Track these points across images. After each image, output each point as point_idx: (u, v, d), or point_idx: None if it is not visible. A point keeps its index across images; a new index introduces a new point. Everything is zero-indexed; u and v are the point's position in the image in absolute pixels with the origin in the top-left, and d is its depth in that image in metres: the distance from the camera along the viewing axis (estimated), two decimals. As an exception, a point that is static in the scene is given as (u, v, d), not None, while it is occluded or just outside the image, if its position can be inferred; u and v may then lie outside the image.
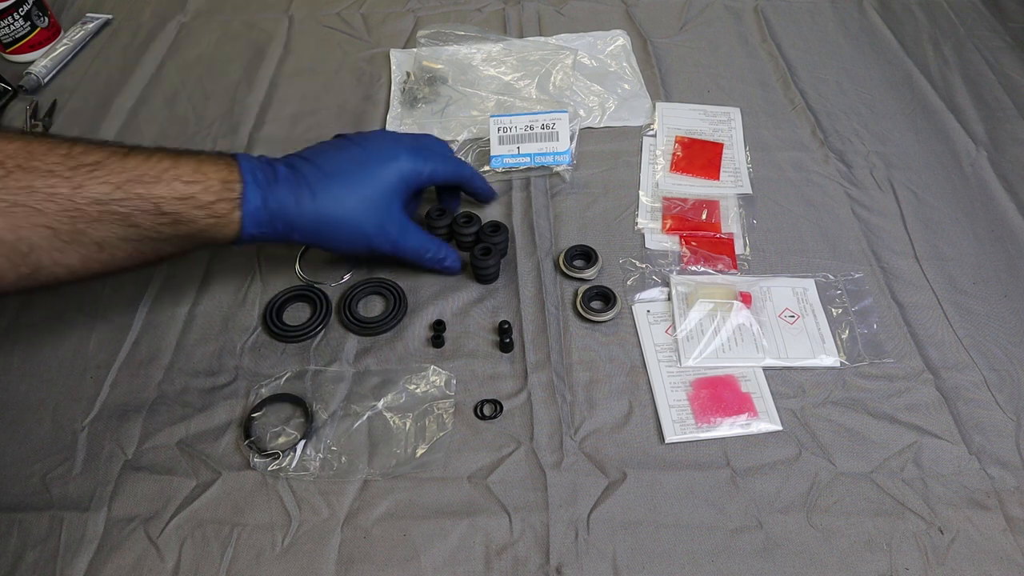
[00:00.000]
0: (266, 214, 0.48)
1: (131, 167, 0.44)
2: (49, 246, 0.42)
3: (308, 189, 0.50)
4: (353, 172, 0.51)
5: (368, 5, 0.90)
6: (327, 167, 0.51)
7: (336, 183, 0.51)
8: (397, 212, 0.54)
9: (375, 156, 0.53)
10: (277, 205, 0.49)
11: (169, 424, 0.51)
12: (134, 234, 0.44)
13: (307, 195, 0.49)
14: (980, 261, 0.60)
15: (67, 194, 0.41)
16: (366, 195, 0.51)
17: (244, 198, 0.47)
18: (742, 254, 0.61)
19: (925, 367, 0.53)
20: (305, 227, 0.50)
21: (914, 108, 0.75)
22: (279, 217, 0.49)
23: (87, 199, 0.42)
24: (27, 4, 0.81)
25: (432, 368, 0.54)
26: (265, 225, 0.49)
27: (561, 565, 0.44)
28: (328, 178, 0.50)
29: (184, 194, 0.45)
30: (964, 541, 0.45)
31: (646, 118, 0.74)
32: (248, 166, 0.48)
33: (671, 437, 0.50)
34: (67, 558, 0.45)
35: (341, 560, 0.45)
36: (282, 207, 0.49)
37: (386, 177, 0.52)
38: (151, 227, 0.45)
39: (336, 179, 0.51)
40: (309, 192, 0.50)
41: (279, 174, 0.49)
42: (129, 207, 0.43)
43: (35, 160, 0.41)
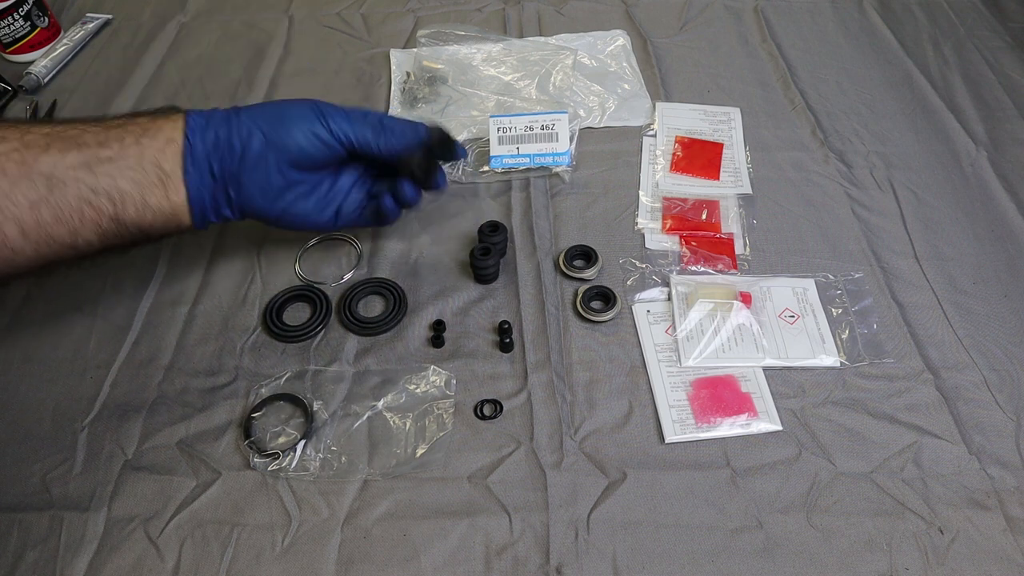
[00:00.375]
0: (202, 153, 0.47)
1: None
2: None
3: (247, 109, 0.49)
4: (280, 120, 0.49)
5: (368, 5, 0.90)
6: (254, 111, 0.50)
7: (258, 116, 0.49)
8: (286, 174, 0.50)
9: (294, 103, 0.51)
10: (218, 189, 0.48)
11: (169, 424, 0.51)
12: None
13: (246, 110, 0.49)
14: (980, 261, 0.60)
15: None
16: (312, 101, 0.50)
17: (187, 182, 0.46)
18: (742, 254, 0.61)
19: (925, 367, 0.53)
20: (253, 126, 0.48)
21: (914, 108, 0.75)
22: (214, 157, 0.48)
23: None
24: (27, 4, 0.81)
25: (432, 368, 0.54)
26: (200, 164, 0.47)
27: (561, 565, 0.44)
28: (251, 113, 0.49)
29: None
30: (964, 541, 0.45)
31: (646, 118, 0.74)
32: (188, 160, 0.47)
33: (671, 437, 0.50)
34: (67, 558, 0.45)
35: (341, 560, 0.45)
36: (224, 119, 0.48)
37: (296, 111, 0.50)
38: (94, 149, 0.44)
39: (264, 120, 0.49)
40: (247, 109, 0.49)
41: (215, 115, 0.49)
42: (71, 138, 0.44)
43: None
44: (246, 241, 0.63)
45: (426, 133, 0.54)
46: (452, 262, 0.61)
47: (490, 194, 0.67)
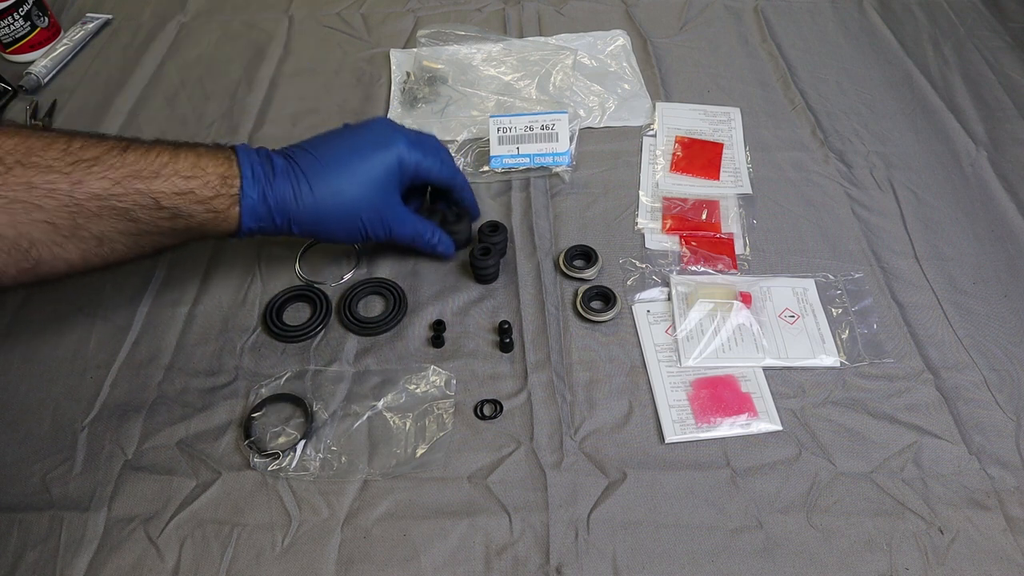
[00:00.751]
0: (264, 208, 0.49)
1: (130, 162, 0.44)
2: (49, 241, 0.42)
3: (305, 182, 0.50)
4: (350, 160, 0.51)
5: (368, 5, 0.90)
6: (324, 156, 0.51)
7: (332, 172, 0.50)
8: (393, 199, 0.54)
9: (371, 142, 0.52)
10: (275, 199, 0.49)
11: (169, 424, 0.51)
12: (133, 228, 0.45)
13: (305, 188, 0.50)
14: (980, 261, 0.60)
15: (66, 190, 0.42)
16: (362, 182, 0.51)
17: (242, 193, 0.47)
18: (742, 254, 0.61)
19: (925, 367, 0.53)
20: (303, 220, 0.50)
21: (914, 108, 0.75)
22: (278, 211, 0.49)
23: (86, 194, 0.42)
24: (27, 4, 0.81)
25: (432, 368, 0.54)
26: (264, 219, 0.49)
27: (561, 565, 0.44)
28: (325, 168, 0.50)
29: (183, 189, 0.45)
30: (964, 541, 0.45)
31: (646, 118, 0.74)
32: (247, 160, 0.48)
33: (671, 437, 0.50)
34: (67, 558, 0.45)
35: (341, 560, 0.45)
36: (280, 201, 0.49)
37: (382, 163, 0.52)
38: (150, 221, 0.45)
39: (332, 168, 0.51)
40: (307, 184, 0.50)
41: (277, 168, 0.50)
42: (128, 202, 0.44)
43: (34, 156, 0.41)
44: (246, 242, 0.63)
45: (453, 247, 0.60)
46: (452, 262, 0.61)
47: (490, 194, 0.67)
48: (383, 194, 0.53)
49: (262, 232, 0.50)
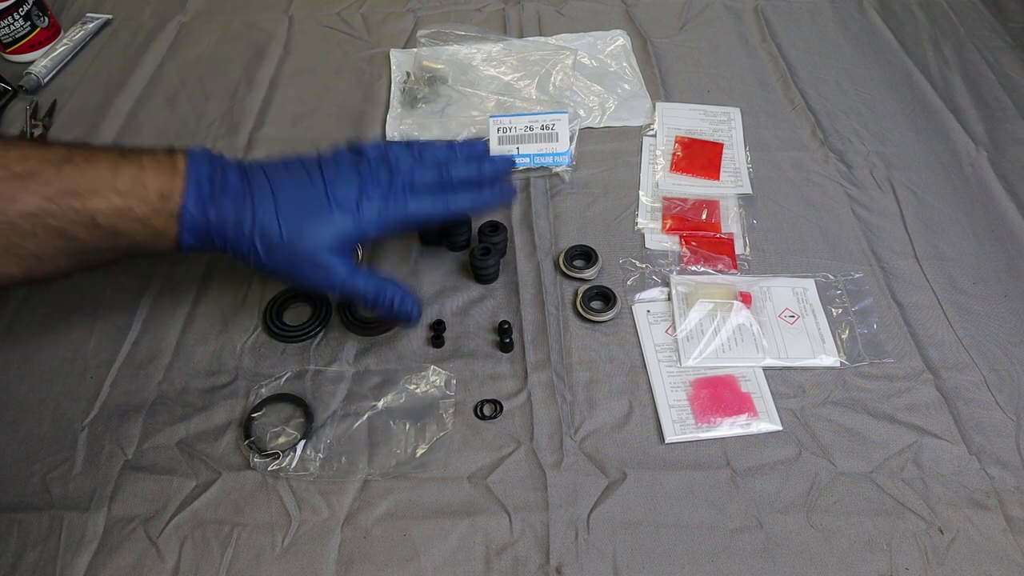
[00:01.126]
0: (203, 228, 0.45)
1: (66, 175, 0.41)
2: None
3: (250, 210, 0.45)
4: (303, 214, 0.46)
5: (368, 5, 0.90)
6: (279, 192, 0.46)
7: (282, 216, 0.46)
8: (338, 259, 0.48)
9: (333, 200, 0.47)
10: (217, 220, 0.45)
11: (169, 424, 0.51)
12: (72, 247, 0.42)
13: (247, 217, 0.45)
14: (980, 261, 0.60)
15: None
16: (312, 237, 0.46)
17: (183, 210, 0.44)
18: (742, 254, 0.61)
19: (925, 367, 0.53)
20: (241, 250, 0.46)
21: (914, 108, 0.75)
22: (217, 234, 0.45)
23: (19, 212, 0.40)
24: (27, 4, 0.81)
25: (432, 368, 0.54)
26: (203, 239, 0.45)
27: (561, 565, 0.44)
28: (275, 205, 0.46)
29: (119, 207, 0.42)
30: (964, 541, 0.45)
31: (646, 118, 0.74)
32: (195, 172, 0.45)
33: (671, 437, 0.50)
34: (67, 558, 0.45)
35: (341, 560, 0.45)
36: (221, 223, 0.45)
37: (333, 227, 0.47)
38: (89, 240, 0.43)
39: (283, 211, 0.46)
40: (250, 214, 0.45)
41: (228, 184, 0.46)
42: (63, 221, 0.41)
43: None
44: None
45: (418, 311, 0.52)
46: (452, 262, 0.61)
47: (490, 194, 0.67)
48: (334, 249, 0.47)
49: (202, 250, 0.46)
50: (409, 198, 0.49)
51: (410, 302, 0.51)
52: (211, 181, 0.45)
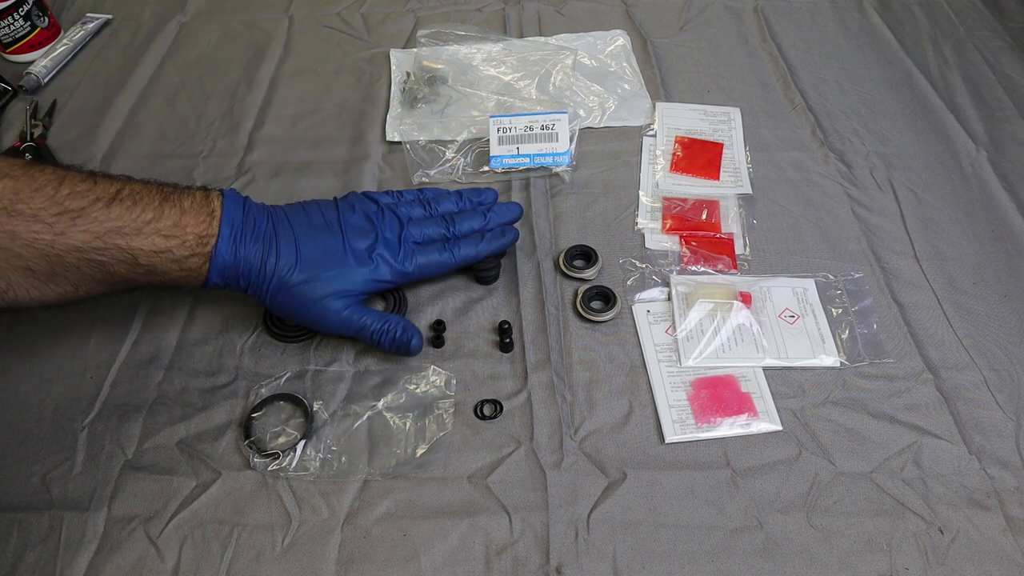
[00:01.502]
0: (232, 270, 0.48)
1: (114, 217, 0.44)
2: (26, 284, 0.43)
3: (275, 255, 0.49)
4: (321, 271, 0.50)
5: (368, 5, 0.90)
6: (301, 241, 0.50)
7: (303, 272, 0.49)
8: (348, 301, 0.51)
9: (348, 253, 0.51)
10: (245, 263, 0.49)
11: (169, 424, 0.51)
12: (108, 279, 0.46)
13: (271, 261, 0.49)
14: (980, 261, 0.60)
15: (48, 240, 0.42)
16: (324, 295, 0.50)
17: (215, 252, 0.47)
18: (742, 254, 0.61)
19: (925, 367, 0.53)
20: (260, 290, 0.50)
21: (914, 108, 0.75)
22: (243, 275, 0.49)
23: (67, 246, 0.43)
24: (27, 4, 0.81)
25: (432, 368, 0.54)
26: (229, 279, 0.49)
27: (561, 565, 0.44)
28: (297, 252, 0.50)
29: (161, 248, 0.46)
30: (964, 541, 0.45)
31: (646, 118, 0.74)
32: (228, 217, 0.48)
33: (671, 437, 0.50)
34: (67, 558, 0.45)
35: (341, 560, 0.45)
36: (247, 266, 0.49)
37: (354, 281, 0.51)
38: (125, 274, 0.46)
39: (305, 268, 0.50)
40: (274, 259, 0.49)
41: (258, 230, 0.49)
42: (107, 256, 0.44)
43: (20, 203, 0.42)
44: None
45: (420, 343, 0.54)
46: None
47: (490, 194, 0.67)
48: (337, 299, 0.51)
49: (227, 289, 0.50)
50: (417, 252, 0.53)
51: (411, 332, 0.52)
52: (243, 225, 0.49)
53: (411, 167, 0.69)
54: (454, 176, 0.68)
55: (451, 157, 0.69)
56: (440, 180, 0.68)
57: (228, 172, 0.69)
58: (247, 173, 0.69)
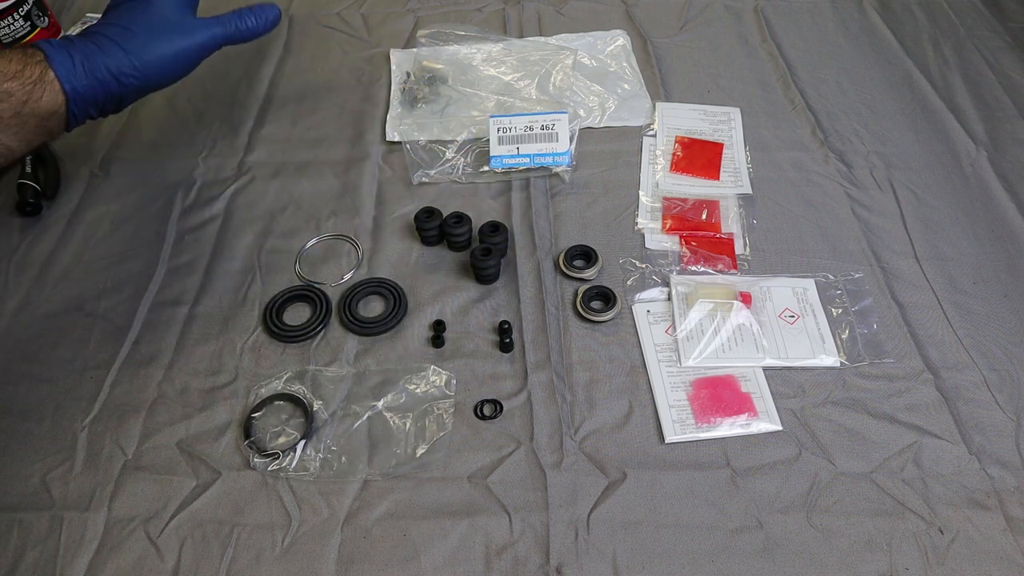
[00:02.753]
0: (77, 66, 0.49)
1: None
2: None
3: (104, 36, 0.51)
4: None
5: (368, 5, 0.90)
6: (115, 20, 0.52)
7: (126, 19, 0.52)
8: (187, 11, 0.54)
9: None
10: (82, 55, 0.49)
11: (169, 424, 0.51)
12: None
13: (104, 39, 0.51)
14: (980, 261, 0.60)
15: None
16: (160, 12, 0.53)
17: (49, 59, 0.48)
18: (742, 254, 0.61)
19: (925, 367, 0.53)
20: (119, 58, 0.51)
21: (914, 108, 0.75)
22: (89, 63, 0.50)
23: None
24: (27, 4, 0.81)
25: (432, 368, 0.54)
26: (83, 77, 0.50)
27: (561, 565, 0.44)
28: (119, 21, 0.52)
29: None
30: (964, 541, 0.45)
31: (646, 118, 0.74)
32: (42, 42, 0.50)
33: (671, 437, 0.50)
34: (67, 558, 0.45)
35: (341, 560, 0.45)
36: (87, 55, 0.50)
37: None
38: None
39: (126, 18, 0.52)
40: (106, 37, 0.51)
41: (72, 38, 0.51)
42: None
43: None
44: (246, 241, 0.64)
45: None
46: (452, 262, 0.61)
47: (490, 194, 0.67)
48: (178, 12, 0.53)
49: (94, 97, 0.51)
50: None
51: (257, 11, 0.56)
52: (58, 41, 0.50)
53: (411, 167, 0.69)
54: (454, 176, 0.68)
55: (451, 157, 0.69)
56: (440, 180, 0.68)
57: (228, 172, 0.69)
58: (247, 173, 0.69)
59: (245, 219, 0.65)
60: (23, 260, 0.62)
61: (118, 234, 0.64)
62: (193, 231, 0.64)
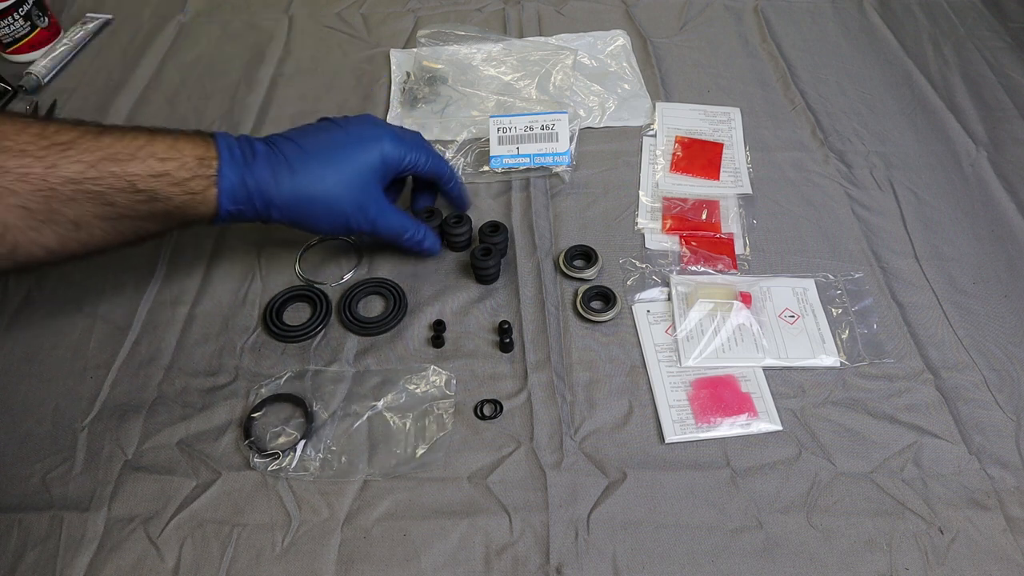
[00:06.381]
0: (243, 191, 0.48)
1: (105, 145, 0.44)
2: (24, 225, 0.42)
3: (287, 166, 0.49)
4: (334, 151, 0.51)
5: (368, 5, 0.90)
6: (308, 146, 0.50)
7: (316, 161, 0.50)
8: (376, 192, 0.53)
9: (356, 137, 0.52)
10: (255, 182, 0.48)
11: (169, 424, 0.51)
12: (110, 212, 0.44)
13: (285, 172, 0.49)
14: (980, 261, 0.60)
15: (40, 174, 0.41)
16: (346, 173, 0.51)
17: (220, 175, 0.47)
18: (742, 254, 0.61)
19: (925, 367, 0.53)
20: (283, 204, 0.50)
21: (914, 108, 0.75)
22: (257, 194, 0.49)
23: (60, 178, 0.42)
24: (27, 4, 0.81)
25: (432, 368, 0.54)
26: (243, 202, 0.48)
27: (561, 565, 0.44)
28: (308, 156, 0.50)
29: (158, 171, 0.45)
30: (964, 541, 0.45)
31: (646, 118, 0.74)
32: (225, 143, 0.48)
33: (671, 437, 0.50)
34: (67, 558, 0.45)
35: (341, 560, 0.45)
36: (260, 184, 0.48)
37: (366, 158, 0.52)
38: (126, 205, 0.45)
39: (316, 157, 0.50)
40: (288, 169, 0.49)
41: (257, 151, 0.49)
42: (103, 185, 0.43)
43: (7, 140, 0.41)
44: (246, 241, 0.63)
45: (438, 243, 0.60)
46: (452, 262, 0.61)
47: (490, 194, 0.67)
48: (365, 185, 0.52)
49: (241, 217, 0.50)
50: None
51: (432, 239, 0.58)
52: (242, 150, 0.49)
53: (411, 167, 0.69)
54: (454, 176, 0.68)
55: (451, 157, 0.69)
56: (440, 180, 0.68)
57: (228, 172, 0.69)
58: (247, 173, 0.69)
59: (245, 219, 0.65)
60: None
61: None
62: (193, 231, 0.64)
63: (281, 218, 0.51)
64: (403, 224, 0.55)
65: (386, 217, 0.54)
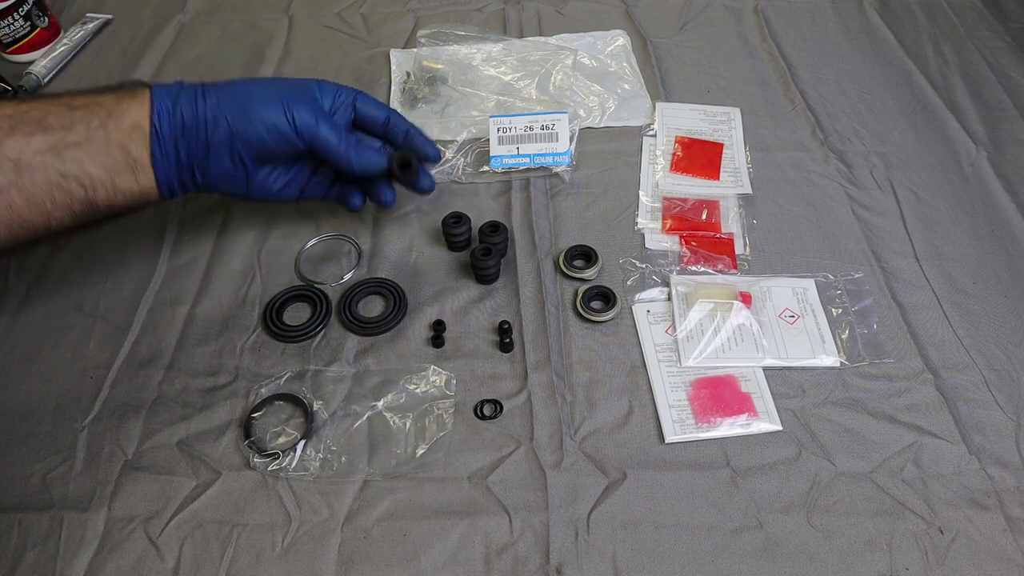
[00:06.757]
0: (176, 112, 0.48)
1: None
2: None
3: (214, 97, 0.50)
4: (259, 83, 0.53)
5: (368, 5, 0.90)
6: (234, 83, 0.52)
7: (245, 80, 0.52)
8: (317, 105, 0.53)
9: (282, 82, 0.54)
10: (189, 118, 0.48)
11: (169, 424, 0.51)
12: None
13: (213, 89, 0.50)
14: (980, 261, 0.60)
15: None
16: (280, 82, 0.52)
17: (152, 126, 0.47)
18: (742, 254, 0.61)
19: (925, 367, 0.53)
20: (216, 106, 0.49)
21: (914, 108, 0.75)
22: (190, 132, 0.48)
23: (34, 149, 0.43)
24: (27, 4, 0.81)
25: (432, 368, 0.54)
26: (175, 140, 0.48)
27: (561, 565, 0.44)
28: (237, 80, 0.52)
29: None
30: (964, 541, 0.45)
31: (646, 118, 0.74)
32: (157, 102, 0.48)
33: (671, 437, 0.50)
34: (67, 558, 0.45)
35: (341, 560, 0.45)
36: (190, 102, 0.48)
37: (300, 81, 0.53)
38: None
39: (240, 85, 0.51)
40: (214, 99, 0.49)
41: (183, 88, 0.50)
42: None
43: None
44: (246, 241, 0.64)
45: (387, 162, 0.56)
46: (452, 262, 0.61)
47: (490, 194, 0.67)
48: (305, 91, 0.52)
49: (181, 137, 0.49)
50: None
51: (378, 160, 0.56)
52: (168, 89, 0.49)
53: (411, 167, 0.69)
54: (454, 176, 0.68)
55: (451, 157, 0.69)
56: (440, 180, 0.68)
57: (228, 172, 0.69)
58: (247, 173, 0.69)
59: (245, 219, 0.65)
60: (23, 260, 0.62)
61: (118, 234, 0.64)
62: (193, 231, 0.64)
63: (223, 131, 0.49)
64: (347, 141, 0.53)
65: (332, 125, 0.53)
